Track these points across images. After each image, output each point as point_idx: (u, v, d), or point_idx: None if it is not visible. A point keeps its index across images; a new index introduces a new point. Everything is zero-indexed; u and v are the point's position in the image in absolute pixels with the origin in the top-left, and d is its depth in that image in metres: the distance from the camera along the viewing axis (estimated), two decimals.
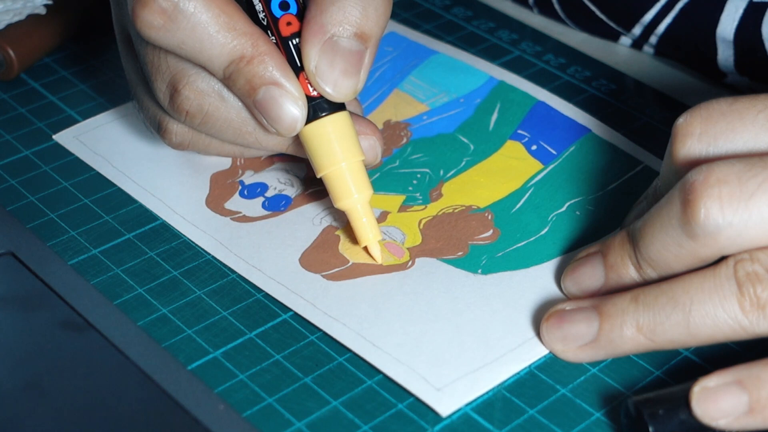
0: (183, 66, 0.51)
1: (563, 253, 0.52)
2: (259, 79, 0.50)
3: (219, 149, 0.55)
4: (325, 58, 0.50)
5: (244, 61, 0.50)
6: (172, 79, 0.51)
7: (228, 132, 0.52)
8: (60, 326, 0.50)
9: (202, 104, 0.51)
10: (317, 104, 0.51)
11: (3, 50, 0.63)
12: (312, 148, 0.51)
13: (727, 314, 0.43)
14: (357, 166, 0.51)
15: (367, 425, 0.46)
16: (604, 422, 0.46)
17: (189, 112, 0.51)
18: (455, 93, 0.62)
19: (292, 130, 0.51)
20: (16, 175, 0.58)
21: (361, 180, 0.51)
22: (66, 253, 0.53)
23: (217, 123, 0.52)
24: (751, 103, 0.45)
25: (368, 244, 0.52)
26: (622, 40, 0.66)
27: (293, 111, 0.50)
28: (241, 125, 0.52)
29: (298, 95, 0.50)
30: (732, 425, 0.42)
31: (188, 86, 0.51)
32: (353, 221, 0.52)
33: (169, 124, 0.54)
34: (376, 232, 0.52)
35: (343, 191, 0.51)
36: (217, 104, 0.52)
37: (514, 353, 0.48)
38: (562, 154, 0.58)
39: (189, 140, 0.54)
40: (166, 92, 0.52)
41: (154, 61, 0.51)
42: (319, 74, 0.50)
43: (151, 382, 0.47)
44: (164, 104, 0.52)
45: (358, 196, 0.51)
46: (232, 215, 0.55)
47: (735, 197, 0.42)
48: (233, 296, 0.51)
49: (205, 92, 0.51)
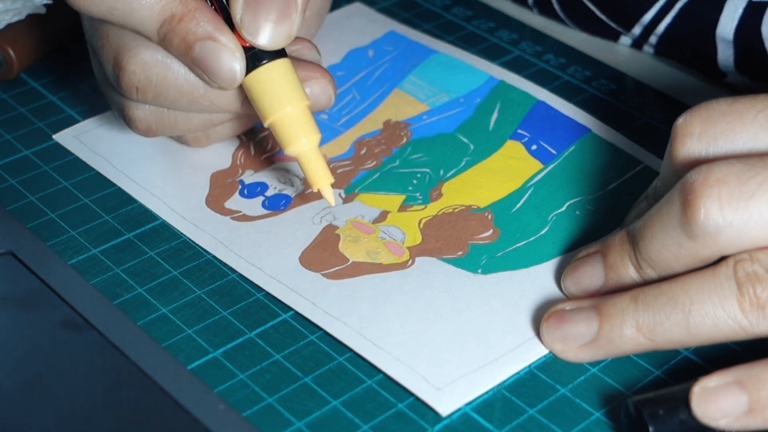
0: (123, 41, 0.51)
1: (563, 253, 0.52)
2: (192, 36, 0.50)
3: (186, 124, 0.55)
4: (249, 9, 0.50)
5: (176, 19, 0.50)
6: (116, 58, 0.51)
7: (182, 100, 0.52)
8: (60, 326, 0.50)
9: (149, 76, 0.51)
10: (255, 54, 0.51)
11: (3, 50, 0.63)
12: (255, 98, 0.51)
13: (726, 314, 0.43)
14: (302, 111, 0.51)
15: (367, 425, 0.46)
16: (604, 422, 0.46)
17: (138, 87, 0.52)
18: (455, 93, 0.62)
19: (233, 82, 0.51)
20: (16, 175, 0.58)
21: (308, 124, 0.51)
22: (66, 252, 0.53)
23: (168, 93, 0.52)
24: (750, 104, 0.45)
25: (320, 187, 0.52)
26: (622, 39, 0.66)
27: (231, 63, 0.50)
28: (191, 89, 0.52)
29: (234, 47, 0.50)
30: (732, 425, 0.42)
31: (132, 60, 0.51)
32: (304, 165, 0.51)
33: (131, 111, 0.54)
34: (328, 174, 0.51)
35: (291, 136, 0.51)
36: (164, 73, 0.52)
37: (514, 353, 0.48)
38: (562, 153, 0.58)
39: (155, 123, 0.54)
40: (113, 72, 0.52)
41: (100, 43, 0.52)
42: (245, 26, 0.50)
43: (151, 382, 0.47)
44: (116, 85, 0.52)
45: (306, 140, 0.51)
46: (232, 214, 0.55)
47: (735, 197, 0.42)
48: (233, 296, 0.51)
49: (149, 63, 0.51)
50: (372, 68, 0.64)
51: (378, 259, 0.52)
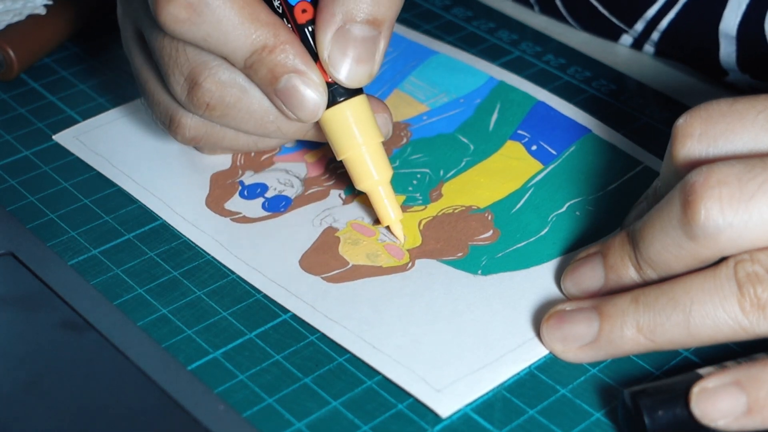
0: (203, 58, 0.51)
1: (563, 254, 0.52)
2: (281, 68, 0.50)
3: (233, 141, 0.55)
4: (338, 47, 0.50)
5: (267, 50, 0.50)
6: (192, 72, 0.51)
7: (249, 123, 0.53)
8: (60, 326, 0.50)
9: (223, 96, 0.51)
10: (335, 89, 0.51)
11: (3, 50, 0.63)
12: (332, 133, 0.52)
13: (727, 315, 0.43)
14: (376, 148, 0.52)
15: (367, 425, 0.46)
16: (604, 422, 0.46)
17: (210, 104, 0.52)
18: (455, 93, 0.62)
19: (314, 117, 0.51)
20: (16, 176, 0.58)
21: (381, 161, 0.52)
22: (66, 253, 0.53)
23: (239, 115, 0.52)
24: (751, 104, 0.45)
25: (390, 224, 0.53)
26: (623, 39, 0.66)
27: (314, 98, 0.50)
28: (263, 115, 0.52)
29: (319, 82, 0.50)
30: (731, 425, 0.42)
31: (209, 78, 0.51)
32: (375, 202, 0.53)
33: (183, 118, 0.54)
34: (398, 211, 0.53)
35: (363, 173, 0.52)
36: (239, 95, 0.52)
37: (514, 354, 0.48)
38: (562, 154, 0.58)
39: (203, 134, 0.54)
40: (184, 85, 0.52)
41: (172, 54, 0.51)
42: (332, 63, 0.50)
43: (151, 382, 0.47)
44: (181, 98, 0.52)
45: (379, 177, 0.52)
46: (232, 216, 0.55)
47: (735, 198, 0.42)
48: (233, 296, 0.51)
49: (226, 84, 0.51)
50: None
51: (378, 262, 0.52)
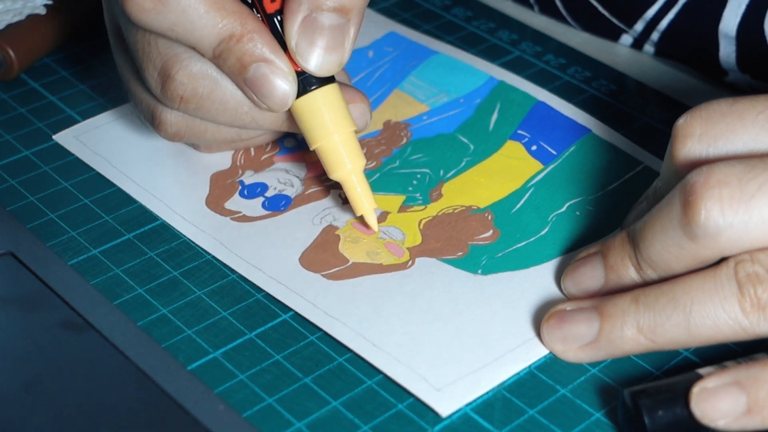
0: (174, 51, 0.51)
1: (563, 254, 0.52)
2: (249, 57, 0.50)
3: (215, 135, 0.55)
4: (305, 36, 0.50)
5: (234, 39, 0.50)
6: (164, 66, 0.51)
7: (224, 114, 0.52)
8: (60, 326, 0.50)
9: (196, 88, 0.51)
10: (306, 78, 0.51)
11: (3, 50, 0.63)
12: (304, 122, 0.52)
13: (727, 315, 0.43)
14: (349, 137, 0.52)
15: (367, 425, 0.46)
16: (604, 422, 0.46)
17: (183, 97, 0.51)
18: (455, 93, 0.62)
19: (284, 106, 0.51)
20: (16, 176, 0.58)
21: (353, 150, 0.52)
22: (66, 253, 0.53)
23: (213, 106, 0.52)
24: (751, 104, 0.45)
25: (364, 213, 0.53)
26: (623, 39, 0.66)
27: (283, 86, 0.50)
28: (236, 106, 0.52)
29: (288, 71, 0.50)
30: (731, 426, 0.42)
31: (181, 71, 0.51)
32: (348, 191, 0.53)
33: (163, 114, 0.53)
34: (371, 200, 0.53)
35: (336, 162, 0.52)
36: (212, 87, 0.52)
37: (514, 353, 0.48)
38: (562, 154, 0.58)
39: (185, 129, 0.54)
40: (158, 79, 0.52)
41: (144, 48, 0.52)
42: (300, 53, 0.50)
43: (151, 382, 0.47)
44: (156, 92, 0.52)
45: (352, 166, 0.52)
46: (232, 215, 0.55)
47: (735, 199, 0.42)
48: (233, 296, 0.51)
49: (198, 76, 0.51)
50: (372, 69, 0.64)
51: (378, 260, 0.52)
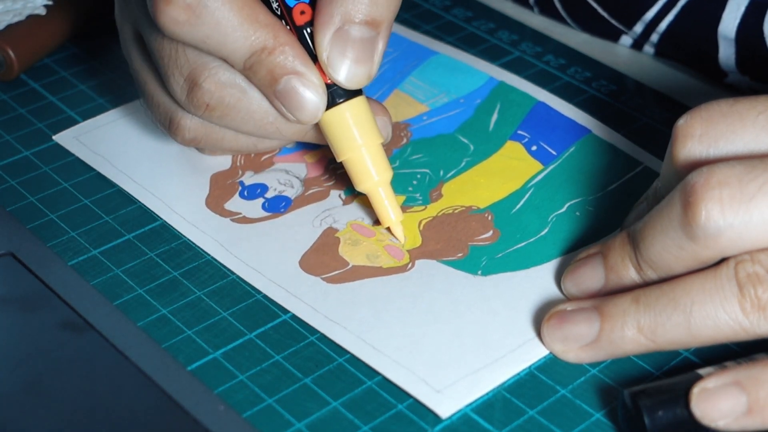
0: (203, 59, 0.51)
1: (563, 254, 0.52)
2: (280, 70, 0.50)
3: (231, 143, 0.55)
4: (336, 48, 0.50)
5: (266, 52, 0.50)
6: (192, 73, 0.51)
7: (249, 124, 0.53)
8: (60, 327, 0.50)
9: (223, 97, 0.51)
10: (334, 91, 0.51)
11: (3, 51, 0.63)
12: (331, 135, 0.52)
13: (728, 315, 0.43)
14: (376, 149, 0.52)
15: (367, 426, 0.46)
16: (604, 423, 0.46)
17: (209, 105, 0.52)
18: (455, 93, 0.62)
19: (314, 118, 0.51)
20: (16, 176, 0.58)
21: (380, 162, 0.52)
22: (66, 253, 0.53)
23: (238, 115, 0.52)
24: (751, 105, 0.45)
25: (391, 225, 0.53)
26: (623, 40, 0.66)
27: (314, 99, 0.50)
28: (262, 116, 0.52)
29: (318, 83, 0.50)
30: (731, 426, 0.42)
31: (209, 79, 0.51)
32: (375, 203, 0.53)
33: (183, 120, 0.53)
34: (398, 212, 0.53)
35: (363, 174, 0.52)
36: (239, 96, 0.52)
37: (514, 354, 0.48)
38: (562, 154, 0.58)
39: (202, 135, 0.54)
40: (183, 86, 0.52)
41: (172, 55, 0.51)
42: (332, 64, 0.50)
43: (151, 382, 0.47)
44: (181, 99, 0.52)
45: (379, 178, 0.52)
46: (232, 216, 0.55)
47: (736, 199, 0.42)
48: (233, 297, 0.51)
49: (226, 85, 0.51)
50: None
51: (378, 263, 0.52)
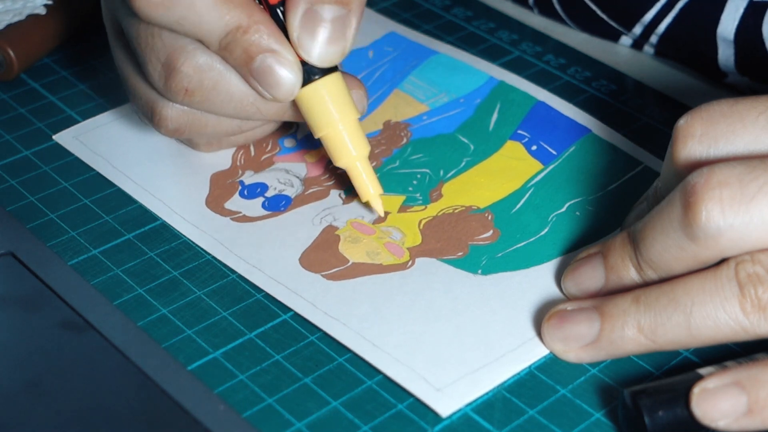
0: (179, 43, 0.51)
1: (563, 254, 0.52)
2: (255, 48, 0.50)
3: (216, 128, 0.55)
4: (306, 29, 0.50)
5: (241, 31, 0.50)
6: (168, 58, 0.51)
7: (229, 106, 0.53)
8: (60, 326, 0.50)
9: (201, 80, 0.51)
10: (310, 68, 0.51)
11: (3, 50, 0.63)
12: (308, 112, 0.52)
13: (728, 315, 0.43)
14: (353, 125, 0.52)
15: (367, 425, 0.46)
16: (604, 423, 0.46)
17: (188, 89, 0.52)
18: (455, 93, 0.62)
19: (290, 96, 0.51)
20: (16, 176, 0.58)
21: (358, 137, 0.53)
22: (66, 253, 0.53)
23: (218, 98, 0.52)
24: (752, 105, 0.45)
25: (369, 199, 0.53)
26: (623, 40, 0.66)
27: (289, 76, 0.51)
28: (241, 97, 0.52)
29: (293, 60, 0.51)
30: (731, 426, 0.42)
31: (186, 63, 0.51)
32: (354, 178, 0.53)
33: (164, 110, 0.53)
34: (377, 186, 0.53)
35: (341, 150, 0.53)
36: (217, 78, 0.52)
37: (514, 354, 0.48)
38: (562, 154, 0.58)
39: (185, 124, 0.54)
40: (162, 72, 0.52)
41: (148, 41, 0.52)
42: (302, 45, 0.50)
43: (151, 382, 0.47)
44: (159, 85, 0.52)
45: (357, 153, 0.53)
46: (232, 215, 0.55)
47: (736, 200, 0.42)
48: (233, 296, 0.51)
49: (204, 68, 0.51)
50: (372, 69, 0.64)
51: (378, 260, 0.52)
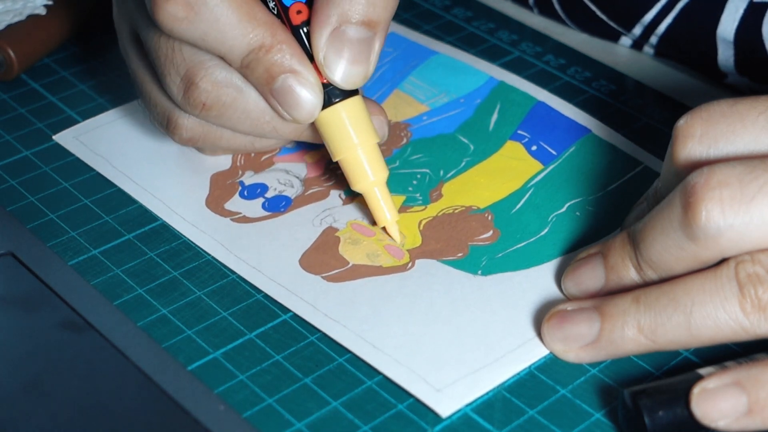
0: (199, 58, 0.51)
1: (563, 254, 0.52)
2: (277, 68, 0.50)
3: (230, 142, 0.55)
4: (333, 49, 0.50)
5: (263, 50, 0.50)
6: (188, 72, 0.51)
7: (246, 123, 0.53)
8: (60, 326, 0.50)
9: (219, 96, 0.51)
10: (331, 90, 0.51)
11: (3, 50, 0.63)
12: (327, 134, 0.52)
13: (728, 315, 0.43)
14: (372, 149, 0.52)
15: (367, 426, 0.46)
16: (604, 422, 0.46)
17: (206, 104, 0.52)
18: (455, 93, 0.62)
19: (310, 117, 0.51)
20: (16, 176, 0.58)
21: (376, 162, 0.52)
22: (66, 253, 0.53)
23: (234, 114, 0.52)
24: (751, 105, 0.45)
25: (386, 225, 0.53)
26: (623, 40, 0.66)
27: (310, 98, 0.51)
28: (259, 115, 0.52)
29: (315, 82, 0.50)
30: (731, 426, 0.42)
31: (206, 78, 0.51)
32: (371, 203, 0.53)
33: (180, 119, 0.54)
34: (394, 212, 0.53)
35: (359, 174, 0.52)
36: (235, 95, 0.52)
37: (514, 354, 0.48)
38: (562, 154, 0.58)
39: (200, 134, 0.54)
40: (180, 85, 0.52)
41: (168, 54, 0.51)
42: (328, 64, 0.50)
43: (151, 382, 0.47)
44: (178, 98, 0.52)
45: (375, 178, 0.52)
46: (232, 216, 0.55)
47: (736, 200, 0.42)
48: (233, 297, 0.51)
49: (223, 83, 0.51)
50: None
51: (378, 262, 0.52)
